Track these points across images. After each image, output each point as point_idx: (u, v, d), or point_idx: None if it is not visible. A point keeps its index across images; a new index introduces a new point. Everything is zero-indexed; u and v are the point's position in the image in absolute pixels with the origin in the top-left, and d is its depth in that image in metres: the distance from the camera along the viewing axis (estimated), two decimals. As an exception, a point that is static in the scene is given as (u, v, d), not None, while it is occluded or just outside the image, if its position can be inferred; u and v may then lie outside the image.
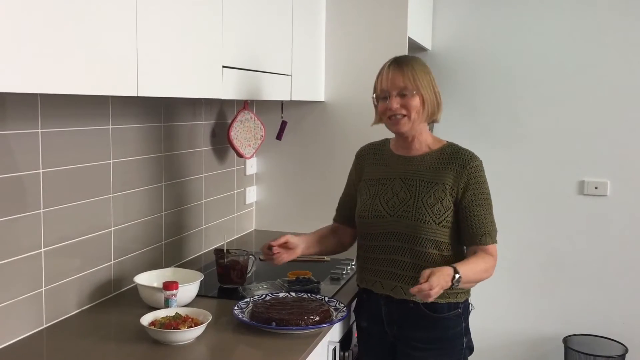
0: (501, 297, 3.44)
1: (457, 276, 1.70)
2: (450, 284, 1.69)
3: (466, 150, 1.92)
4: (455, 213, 1.85)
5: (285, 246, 1.94)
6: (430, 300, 1.66)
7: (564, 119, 3.28)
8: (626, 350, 3.17)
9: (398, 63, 1.87)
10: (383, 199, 1.91)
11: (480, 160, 1.91)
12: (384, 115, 1.89)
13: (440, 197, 1.84)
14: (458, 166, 1.87)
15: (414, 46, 3.08)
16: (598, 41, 3.19)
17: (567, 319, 3.35)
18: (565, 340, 3.28)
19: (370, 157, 2.03)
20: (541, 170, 3.34)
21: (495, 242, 1.89)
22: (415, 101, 1.85)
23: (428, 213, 1.83)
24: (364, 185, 1.99)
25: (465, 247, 1.90)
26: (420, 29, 3.08)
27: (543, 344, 3.41)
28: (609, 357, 3.13)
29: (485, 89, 3.38)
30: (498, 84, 3.36)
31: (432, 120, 1.94)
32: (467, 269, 1.77)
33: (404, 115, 1.86)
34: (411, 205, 1.86)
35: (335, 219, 2.13)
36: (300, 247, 1.97)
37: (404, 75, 1.84)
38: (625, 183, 3.23)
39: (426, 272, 1.68)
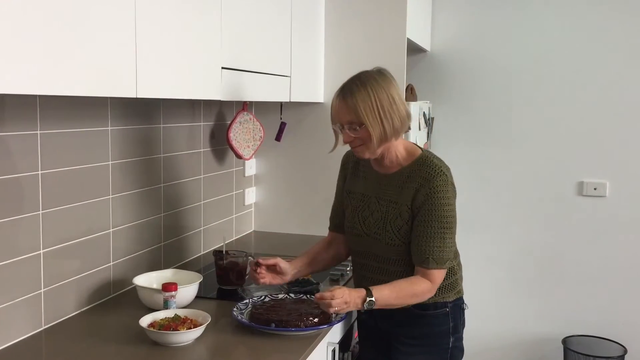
0: (500, 297, 3.45)
1: (368, 299, 1.73)
2: (361, 306, 1.73)
3: (433, 167, 1.82)
4: None
5: (274, 269, 1.94)
6: (331, 311, 1.72)
7: (563, 119, 3.28)
8: (625, 351, 3.17)
9: (343, 95, 1.79)
10: (361, 216, 1.92)
11: (445, 178, 1.81)
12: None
13: (405, 218, 1.82)
14: (418, 184, 1.80)
15: (413, 47, 3.09)
16: (597, 42, 3.19)
17: (566, 320, 3.35)
18: (565, 341, 3.28)
19: (353, 165, 2.01)
20: (540, 171, 3.34)
21: (442, 267, 1.80)
22: (363, 133, 1.77)
23: (396, 236, 1.83)
24: (346, 196, 2.00)
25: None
26: (419, 30, 3.08)
27: (542, 344, 3.41)
28: (608, 357, 3.13)
29: (484, 90, 3.38)
30: (497, 85, 3.36)
31: (392, 140, 1.82)
32: (387, 292, 1.76)
33: (361, 144, 1.81)
34: (382, 227, 1.85)
35: (330, 228, 2.12)
36: (290, 274, 1.96)
37: (347, 109, 1.77)
38: (624, 184, 3.23)
39: (343, 288, 1.74)
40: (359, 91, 1.77)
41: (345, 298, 1.71)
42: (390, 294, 1.77)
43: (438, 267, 1.79)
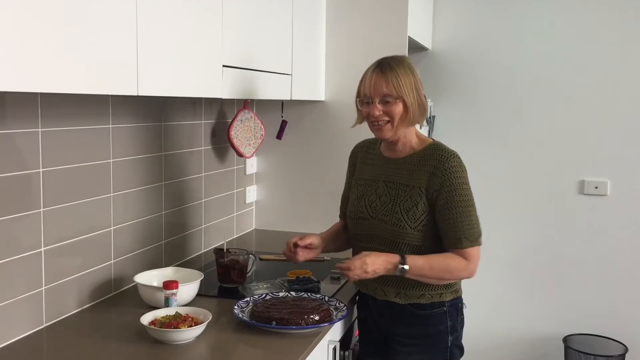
0: (501, 296, 3.45)
1: (400, 266, 1.77)
2: (392, 272, 1.78)
3: (444, 150, 1.87)
4: (432, 215, 1.84)
5: (308, 246, 1.96)
6: (352, 280, 1.81)
7: (564, 118, 3.28)
8: (626, 350, 3.17)
9: (382, 68, 1.83)
10: (367, 201, 1.93)
11: (459, 160, 1.85)
12: (367, 120, 1.89)
13: (416, 201, 1.83)
14: (432, 167, 1.83)
15: (414, 46, 3.08)
16: (598, 41, 3.19)
17: (567, 319, 3.35)
18: (565, 339, 3.28)
19: (362, 154, 2.05)
20: (541, 170, 3.34)
21: (475, 244, 1.82)
22: (398, 108, 1.82)
23: (404, 218, 1.83)
24: (354, 183, 2.02)
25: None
26: (420, 28, 3.08)
27: (543, 343, 3.41)
28: (609, 356, 3.13)
29: (485, 89, 3.38)
30: (498, 84, 3.36)
31: (414, 124, 1.90)
32: (421, 262, 1.79)
33: (387, 122, 1.84)
34: (389, 210, 1.86)
35: (340, 216, 2.15)
36: (320, 247, 2.00)
37: (387, 82, 1.80)
38: (625, 183, 3.23)
39: (364, 253, 1.78)
40: (399, 67, 1.83)
41: (365, 267, 1.74)
42: (424, 265, 1.79)
43: (472, 245, 1.81)
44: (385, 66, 1.83)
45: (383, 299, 1.92)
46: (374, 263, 1.76)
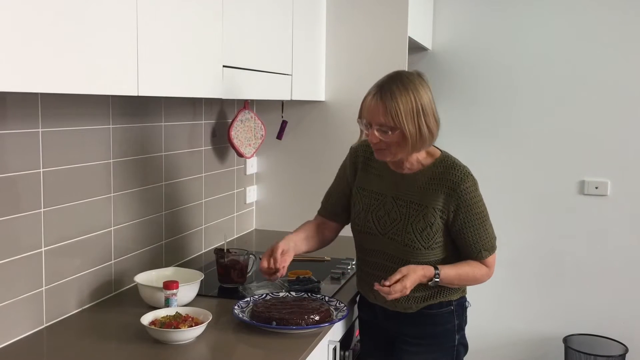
0: (501, 296, 3.44)
1: (434, 280, 1.78)
2: (425, 283, 1.78)
3: (457, 169, 1.81)
4: (446, 232, 1.83)
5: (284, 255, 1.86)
6: (389, 299, 1.75)
7: (564, 118, 3.28)
8: (626, 350, 3.17)
9: (382, 95, 1.70)
10: (375, 216, 1.88)
11: (472, 179, 1.81)
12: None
13: (430, 222, 1.79)
14: (448, 188, 1.78)
15: (414, 46, 3.08)
16: (598, 41, 3.19)
17: (567, 319, 3.35)
18: (566, 339, 3.28)
19: (363, 160, 1.95)
20: (541, 170, 3.34)
21: (493, 252, 1.88)
22: (395, 138, 1.71)
23: (417, 238, 1.80)
24: (356, 192, 1.94)
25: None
26: (420, 28, 3.08)
27: (543, 343, 3.41)
28: (609, 356, 3.13)
29: (486, 89, 3.38)
30: (498, 84, 3.36)
31: (416, 151, 1.79)
32: (452, 274, 1.81)
33: (385, 148, 1.76)
34: (401, 229, 1.82)
35: (320, 212, 2.07)
36: (292, 250, 1.88)
37: (384, 112, 1.68)
38: (625, 183, 3.23)
39: (403, 270, 1.74)
40: (401, 94, 1.69)
41: (405, 291, 1.72)
42: (455, 276, 1.82)
43: (491, 254, 1.86)
44: (386, 93, 1.70)
45: (394, 310, 1.91)
46: (414, 283, 1.75)
